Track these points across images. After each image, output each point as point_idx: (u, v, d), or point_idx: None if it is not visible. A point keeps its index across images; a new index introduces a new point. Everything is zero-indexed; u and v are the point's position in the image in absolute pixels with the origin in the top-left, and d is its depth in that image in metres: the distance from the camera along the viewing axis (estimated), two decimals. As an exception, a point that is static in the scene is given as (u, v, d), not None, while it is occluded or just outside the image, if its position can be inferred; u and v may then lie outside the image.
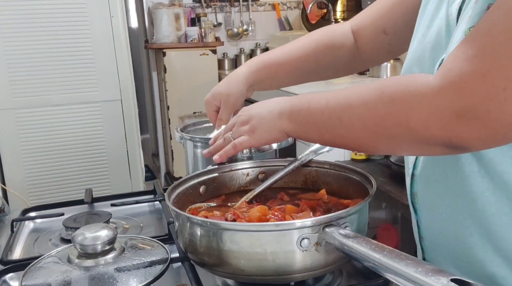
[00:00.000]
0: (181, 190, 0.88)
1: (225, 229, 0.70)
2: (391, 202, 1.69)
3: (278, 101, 0.81)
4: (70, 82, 2.25)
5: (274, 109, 0.80)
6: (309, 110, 0.73)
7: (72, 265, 0.74)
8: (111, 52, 2.28)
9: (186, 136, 1.16)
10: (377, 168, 1.97)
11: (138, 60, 4.36)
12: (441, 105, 0.57)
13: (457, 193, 0.70)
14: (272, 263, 0.68)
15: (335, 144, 0.74)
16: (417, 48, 0.79)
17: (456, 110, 0.56)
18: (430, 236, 0.79)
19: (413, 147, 0.64)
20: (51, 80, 2.22)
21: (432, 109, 0.57)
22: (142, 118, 4.12)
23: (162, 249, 0.81)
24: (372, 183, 0.81)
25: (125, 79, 2.32)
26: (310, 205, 0.84)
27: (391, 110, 0.61)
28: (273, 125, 0.79)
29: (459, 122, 0.56)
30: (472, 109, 0.55)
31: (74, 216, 1.09)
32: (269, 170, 0.97)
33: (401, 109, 0.60)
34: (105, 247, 0.75)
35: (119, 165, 2.36)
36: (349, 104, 0.67)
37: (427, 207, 0.78)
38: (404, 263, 0.55)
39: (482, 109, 0.54)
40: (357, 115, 0.66)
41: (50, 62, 2.21)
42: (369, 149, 0.70)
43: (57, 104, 2.25)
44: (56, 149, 2.27)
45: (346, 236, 0.65)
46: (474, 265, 0.70)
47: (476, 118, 0.55)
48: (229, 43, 4.14)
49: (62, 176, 2.28)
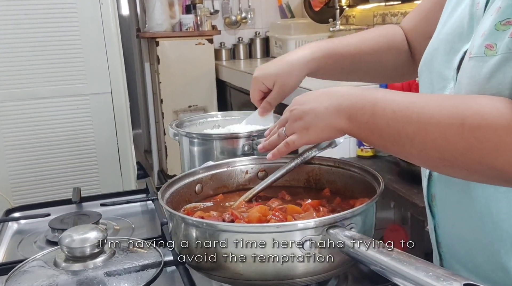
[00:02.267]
0: (175, 188, 0.88)
1: (223, 231, 0.70)
2: (399, 202, 1.69)
3: (333, 95, 0.77)
4: (56, 74, 2.24)
5: (330, 105, 0.76)
6: (373, 117, 0.70)
7: (59, 269, 0.74)
8: (100, 42, 2.27)
9: (181, 132, 1.16)
10: (384, 165, 1.98)
11: (130, 50, 4.35)
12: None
13: (479, 196, 0.70)
14: (273, 267, 0.68)
15: (401, 156, 0.74)
16: (436, 39, 0.79)
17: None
18: (449, 242, 0.79)
19: (495, 181, 0.65)
20: (35, 71, 2.21)
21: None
22: (134, 112, 4.12)
23: (155, 252, 0.81)
24: (379, 181, 0.81)
25: (115, 71, 2.31)
26: (313, 204, 0.84)
27: (473, 148, 0.61)
28: (329, 123, 0.76)
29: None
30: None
31: (61, 217, 1.09)
32: (270, 167, 0.97)
33: (486, 149, 0.60)
34: (94, 249, 0.75)
35: (109, 162, 2.36)
36: (423, 128, 0.64)
37: (446, 211, 0.77)
38: (414, 267, 0.55)
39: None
40: (433, 143, 0.64)
41: (34, 51, 2.20)
42: (443, 172, 0.71)
43: (42, 97, 2.24)
44: (41, 145, 2.26)
45: (352, 238, 0.65)
46: (497, 274, 0.70)
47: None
48: (227, 32, 4.14)
49: (48, 174, 2.28)
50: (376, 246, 0.62)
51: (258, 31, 4.17)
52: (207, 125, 1.28)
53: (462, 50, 0.73)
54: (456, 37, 0.75)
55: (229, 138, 1.11)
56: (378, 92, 0.72)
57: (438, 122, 0.63)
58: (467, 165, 0.62)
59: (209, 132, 1.20)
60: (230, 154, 1.09)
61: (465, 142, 0.61)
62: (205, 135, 1.15)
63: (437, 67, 0.78)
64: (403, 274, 0.56)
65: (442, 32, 0.79)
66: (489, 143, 0.59)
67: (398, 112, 0.67)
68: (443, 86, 0.76)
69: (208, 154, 1.11)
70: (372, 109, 0.70)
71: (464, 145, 0.61)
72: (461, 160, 0.62)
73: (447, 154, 0.63)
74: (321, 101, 0.78)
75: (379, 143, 0.72)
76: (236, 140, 1.10)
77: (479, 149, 0.60)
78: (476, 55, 0.66)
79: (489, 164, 0.60)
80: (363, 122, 0.71)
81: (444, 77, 0.76)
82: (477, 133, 0.60)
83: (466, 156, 0.61)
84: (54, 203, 1.23)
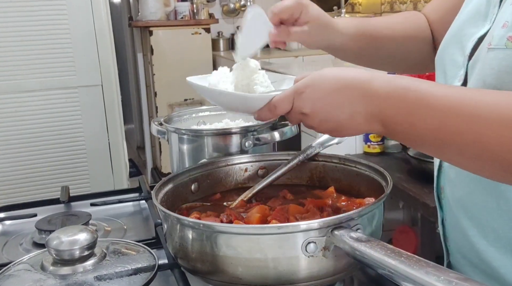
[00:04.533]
0: (170, 187, 0.88)
1: (220, 232, 0.70)
2: (409, 201, 1.69)
3: (355, 94, 0.69)
4: (43, 65, 2.23)
5: (355, 113, 0.69)
6: (413, 127, 0.65)
7: (46, 273, 0.74)
8: (90, 31, 2.27)
9: (170, 128, 1.15)
10: (393, 162, 1.98)
11: (121, 40, 4.35)
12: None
13: (489, 190, 0.71)
14: (274, 271, 0.68)
15: (445, 160, 0.72)
16: (454, 26, 0.80)
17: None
18: (456, 236, 0.80)
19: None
20: (21, 63, 2.21)
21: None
22: (126, 106, 4.11)
23: (149, 254, 0.81)
24: (387, 179, 0.81)
25: (106, 62, 2.31)
26: (316, 204, 0.84)
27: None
28: (358, 129, 0.71)
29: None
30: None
31: (48, 217, 1.09)
32: (270, 165, 0.97)
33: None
34: (83, 252, 0.75)
35: (99, 159, 2.36)
36: (478, 136, 0.60)
37: (454, 204, 0.78)
38: (424, 271, 0.55)
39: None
40: (491, 153, 0.60)
41: (20, 42, 2.19)
42: (502, 181, 0.66)
43: (28, 90, 2.24)
44: (27, 141, 2.26)
45: (358, 240, 0.65)
46: (507, 272, 0.71)
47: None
48: (225, 20, 4.14)
49: (35, 172, 2.28)
50: (384, 249, 0.62)
51: (258, 20, 4.15)
52: (202, 119, 1.27)
53: (475, 36, 0.74)
54: (471, 23, 0.75)
55: (222, 135, 1.10)
56: (412, 91, 0.65)
57: (495, 129, 0.59)
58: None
59: (200, 128, 1.18)
60: (224, 152, 1.08)
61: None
62: (195, 131, 1.13)
63: (451, 54, 0.78)
64: (412, 279, 0.56)
65: (460, 18, 0.80)
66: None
67: (446, 122, 0.62)
68: (454, 74, 0.76)
69: (200, 152, 1.11)
70: (410, 118, 0.65)
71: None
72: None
73: (506, 163, 0.59)
74: (341, 106, 0.70)
75: (421, 148, 0.68)
76: (229, 137, 1.09)
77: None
78: (497, 46, 0.66)
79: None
80: (399, 130, 0.67)
81: (456, 64, 0.76)
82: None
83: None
84: (41, 203, 1.23)
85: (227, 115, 1.24)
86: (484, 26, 0.73)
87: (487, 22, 0.73)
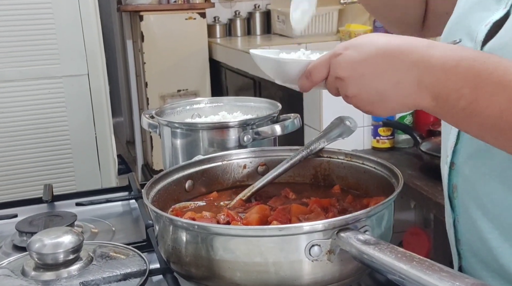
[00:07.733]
0: (162, 185, 0.88)
1: (217, 234, 0.70)
2: (421, 201, 1.69)
3: (401, 61, 0.66)
4: (24, 53, 2.23)
5: (401, 81, 0.66)
6: (474, 104, 0.62)
7: (28, 279, 0.74)
8: (75, 16, 2.26)
9: (162, 122, 1.15)
10: (404, 158, 1.98)
11: (109, 26, 4.35)
12: None
13: (507, 189, 0.70)
14: (275, 276, 0.68)
15: (500, 147, 0.65)
16: (458, 9, 0.80)
17: None
18: (469, 239, 0.80)
19: None
20: (1, 51, 2.21)
21: None
22: (114, 98, 4.12)
23: (139, 258, 0.81)
24: (398, 177, 0.81)
25: (93, 50, 2.31)
26: (321, 204, 0.84)
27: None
28: (404, 103, 0.68)
29: None
30: None
31: (29, 218, 1.09)
32: (271, 161, 0.97)
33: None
34: (68, 256, 0.75)
35: (85, 155, 2.36)
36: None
37: (468, 204, 0.78)
38: (438, 276, 0.55)
39: None
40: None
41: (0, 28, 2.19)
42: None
43: (9, 80, 2.23)
44: (7, 135, 2.26)
45: (366, 243, 0.65)
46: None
47: None
48: (221, 4, 4.12)
49: (15, 169, 2.28)
50: (394, 252, 0.62)
51: (257, 4, 4.15)
52: (196, 112, 1.26)
53: (488, 21, 0.73)
54: (480, 5, 0.75)
55: (219, 128, 1.10)
56: (480, 64, 0.62)
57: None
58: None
59: (194, 122, 1.18)
60: (221, 147, 1.08)
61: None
62: (190, 125, 1.13)
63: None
64: (425, 285, 0.56)
65: (464, 1, 0.79)
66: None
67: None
68: None
69: (194, 147, 1.10)
70: (475, 93, 0.62)
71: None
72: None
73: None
74: (385, 72, 0.67)
75: (475, 132, 0.66)
76: (226, 131, 1.09)
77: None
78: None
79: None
80: (458, 107, 0.63)
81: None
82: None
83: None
84: (21, 202, 1.23)
85: (224, 108, 1.24)
86: (498, 10, 0.72)
87: (501, 5, 0.72)
